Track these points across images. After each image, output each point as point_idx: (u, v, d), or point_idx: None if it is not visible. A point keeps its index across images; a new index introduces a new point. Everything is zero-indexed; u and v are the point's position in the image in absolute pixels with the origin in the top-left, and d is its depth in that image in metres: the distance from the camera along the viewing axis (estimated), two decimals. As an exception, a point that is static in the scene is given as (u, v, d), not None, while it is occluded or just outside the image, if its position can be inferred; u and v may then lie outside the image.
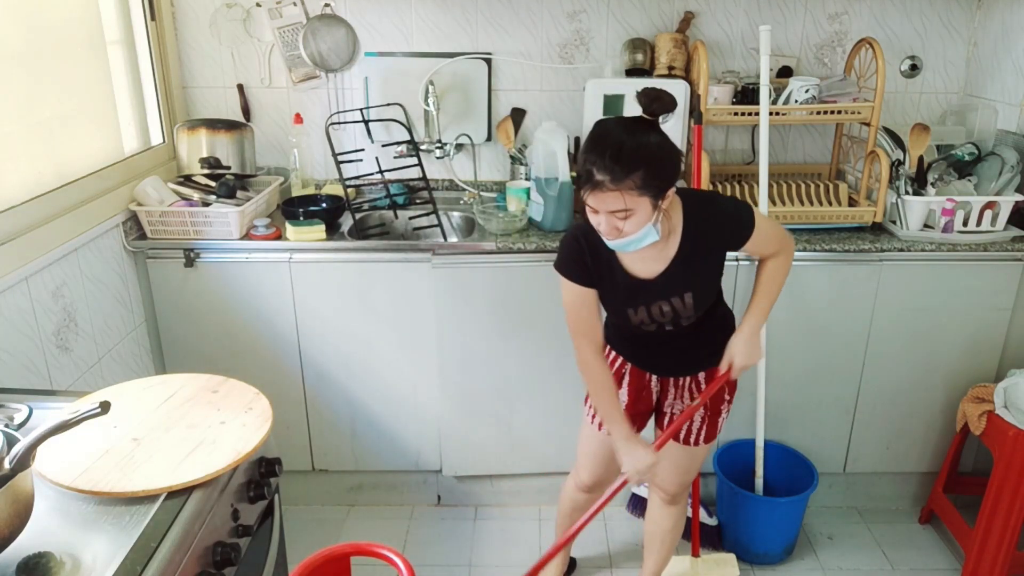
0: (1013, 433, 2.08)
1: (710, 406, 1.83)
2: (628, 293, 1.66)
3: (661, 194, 1.48)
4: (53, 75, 2.01)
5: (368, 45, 2.59)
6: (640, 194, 1.44)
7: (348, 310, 2.32)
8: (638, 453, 1.71)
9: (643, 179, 1.43)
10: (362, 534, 2.48)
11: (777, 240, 1.70)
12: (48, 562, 1.03)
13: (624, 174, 1.42)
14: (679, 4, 2.56)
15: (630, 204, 1.45)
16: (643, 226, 1.49)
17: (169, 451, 1.23)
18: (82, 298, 2.02)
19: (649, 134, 1.48)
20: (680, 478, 1.96)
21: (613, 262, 1.65)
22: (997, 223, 2.29)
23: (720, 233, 1.63)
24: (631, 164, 1.42)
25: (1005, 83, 2.47)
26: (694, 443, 1.88)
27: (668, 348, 1.78)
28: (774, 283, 1.72)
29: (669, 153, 1.49)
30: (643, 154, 1.44)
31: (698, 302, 1.66)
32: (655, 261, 1.62)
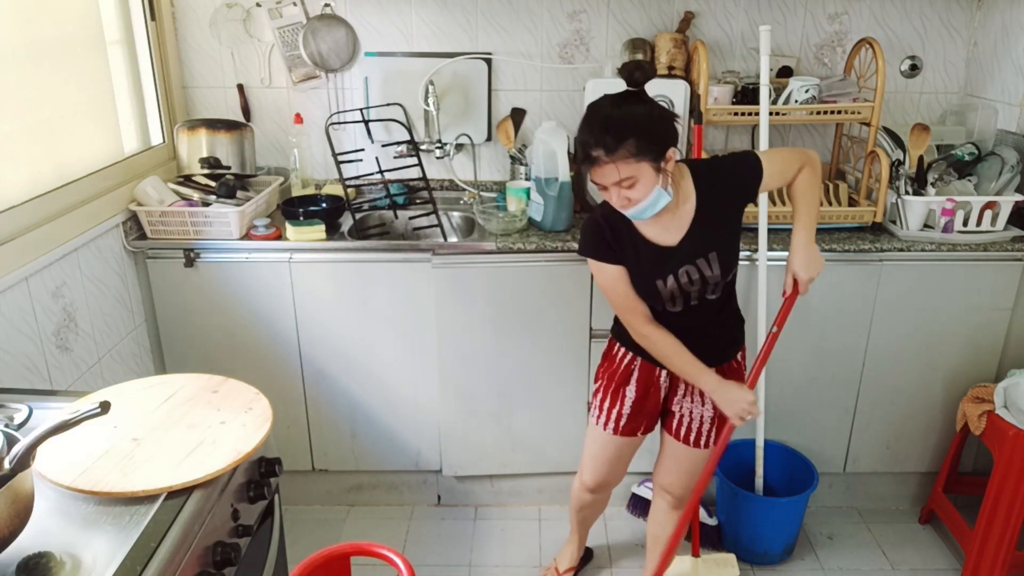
0: (1013, 433, 2.08)
1: (718, 411, 1.81)
2: (655, 263, 1.67)
3: (660, 157, 1.52)
4: (53, 75, 2.01)
5: (368, 45, 2.59)
6: (638, 160, 1.50)
7: (348, 310, 2.32)
8: (735, 392, 1.71)
9: (636, 146, 1.49)
10: (362, 534, 2.48)
11: (793, 159, 1.72)
12: (48, 562, 1.02)
13: (616, 144, 1.49)
14: (679, 4, 2.56)
15: (630, 172, 1.51)
16: (651, 190, 1.54)
17: (169, 451, 1.23)
18: (82, 298, 2.02)
19: (635, 103, 1.55)
20: (687, 480, 1.94)
21: (635, 236, 1.67)
22: (997, 223, 2.29)
23: (733, 182, 1.67)
24: (621, 134, 1.49)
25: (1005, 83, 2.47)
26: (704, 445, 1.86)
27: (690, 335, 1.73)
28: (809, 194, 1.73)
29: (659, 117, 1.55)
30: (631, 122, 1.50)
31: (723, 263, 1.67)
32: (675, 228, 1.65)
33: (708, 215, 1.65)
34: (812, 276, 1.73)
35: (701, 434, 1.86)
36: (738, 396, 1.70)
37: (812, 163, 1.75)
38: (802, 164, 1.73)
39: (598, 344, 2.35)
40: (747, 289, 2.28)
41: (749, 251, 2.24)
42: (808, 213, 1.74)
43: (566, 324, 2.32)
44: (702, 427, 1.85)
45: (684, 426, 1.86)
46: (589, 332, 2.34)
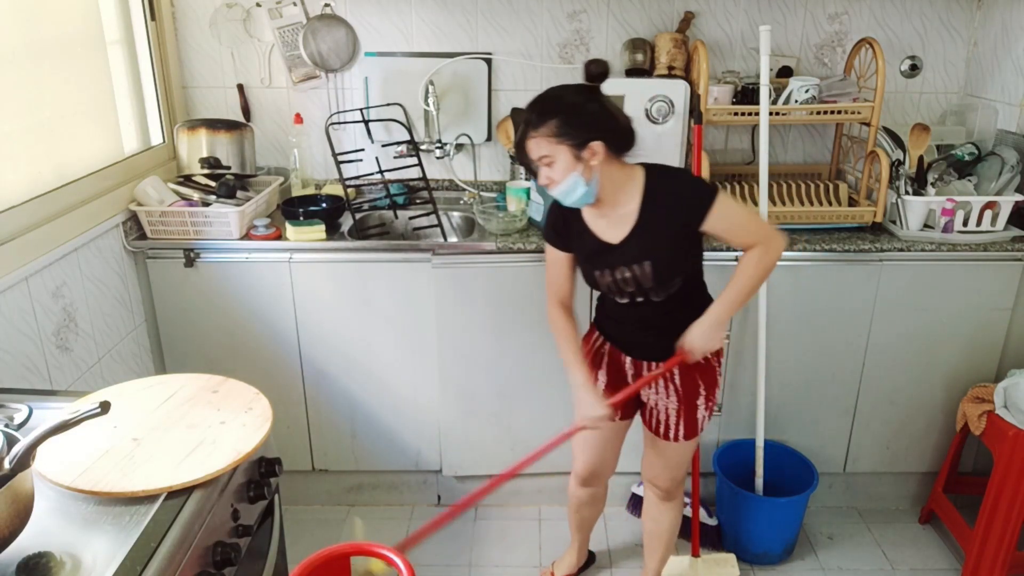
0: (1013, 433, 2.08)
1: (684, 399, 1.84)
2: (595, 256, 1.76)
3: (581, 145, 1.58)
4: (53, 75, 2.01)
5: (368, 45, 2.59)
6: (558, 141, 1.58)
7: (348, 310, 2.32)
8: (589, 400, 1.77)
9: (558, 126, 1.57)
10: (362, 534, 2.48)
11: (753, 232, 1.69)
12: (48, 562, 1.02)
13: (540, 121, 1.58)
14: (679, 4, 2.56)
15: (548, 151, 1.59)
16: (567, 175, 1.60)
17: (169, 451, 1.23)
18: (82, 298, 2.02)
19: (578, 92, 1.62)
20: (669, 473, 1.97)
21: (583, 227, 1.76)
22: (997, 223, 2.29)
23: (677, 205, 1.66)
24: (546, 112, 1.59)
25: (1005, 83, 2.47)
26: (673, 438, 1.89)
27: (643, 328, 1.81)
28: (745, 275, 1.70)
29: (592, 110, 1.60)
30: (559, 104, 1.60)
31: (658, 273, 1.70)
32: (617, 226, 1.71)
33: (648, 224, 1.68)
34: (697, 349, 1.73)
35: (669, 426, 1.88)
36: (589, 405, 1.77)
37: (770, 247, 1.68)
38: (759, 240, 1.68)
39: (598, 344, 2.35)
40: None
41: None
42: (736, 292, 1.71)
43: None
44: (669, 418, 1.87)
45: (654, 417, 1.90)
46: (589, 332, 2.34)
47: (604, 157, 1.60)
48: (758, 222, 1.74)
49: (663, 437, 1.90)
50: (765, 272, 1.71)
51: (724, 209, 1.65)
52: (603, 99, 1.63)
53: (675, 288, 1.73)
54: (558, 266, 1.83)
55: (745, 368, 2.38)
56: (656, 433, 1.91)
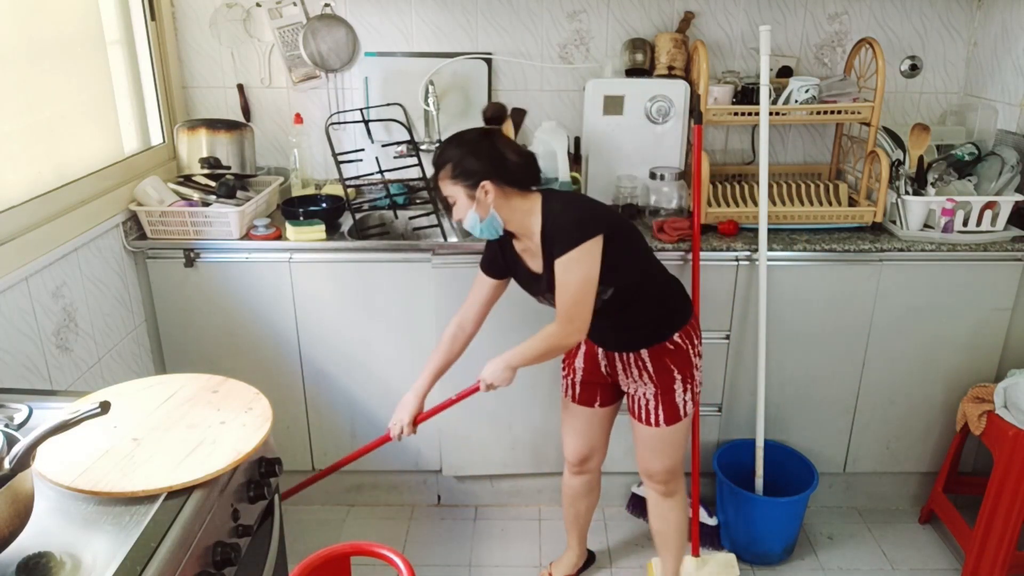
0: (1013, 433, 2.08)
1: (659, 383, 1.88)
2: (527, 284, 1.88)
3: (473, 186, 1.70)
4: (53, 75, 2.01)
5: (368, 45, 2.59)
6: (454, 183, 1.72)
7: (348, 310, 2.32)
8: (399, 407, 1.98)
9: (452, 169, 1.71)
10: (362, 534, 2.48)
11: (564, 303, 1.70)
12: (48, 562, 1.02)
13: (439, 165, 1.74)
14: (679, 4, 2.56)
15: (449, 191, 1.74)
16: (466, 212, 1.73)
17: (169, 451, 1.23)
18: (82, 298, 2.02)
19: (474, 134, 1.77)
20: (660, 462, 1.98)
21: (516, 257, 1.86)
22: (997, 223, 2.29)
23: (553, 237, 1.71)
24: (443, 157, 1.73)
25: (1005, 83, 2.47)
26: (655, 423, 1.92)
27: (604, 326, 1.86)
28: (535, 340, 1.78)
29: (481, 149, 1.71)
30: (451, 152, 1.72)
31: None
32: (536, 256, 1.79)
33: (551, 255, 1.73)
34: (489, 382, 1.85)
35: (649, 412, 1.92)
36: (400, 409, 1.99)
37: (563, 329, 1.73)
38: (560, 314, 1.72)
39: (598, 344, 2.35)
40: (747, 288, 2.28)
41: (749, 251, 2.24)
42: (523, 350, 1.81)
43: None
44: (648, 404, 1.91)
45: (635, 404, 1.95)
46: (589, 332, 2.34)
47: (497, 194, 1.70)
48: (575, 300, 1.70)
49: (645, 423, 1.94)
50: (546, 349, 1.77)
51: (570, 264, 1.67)
52: (495, 139, 1.76)
53: (608, 295, 1.77)
54: (478, 290, 1.94)
55: (745, 368, 2.38)
56: (639, 420, 1.95)
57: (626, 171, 2.44)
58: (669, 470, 1.99)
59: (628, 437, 2.46)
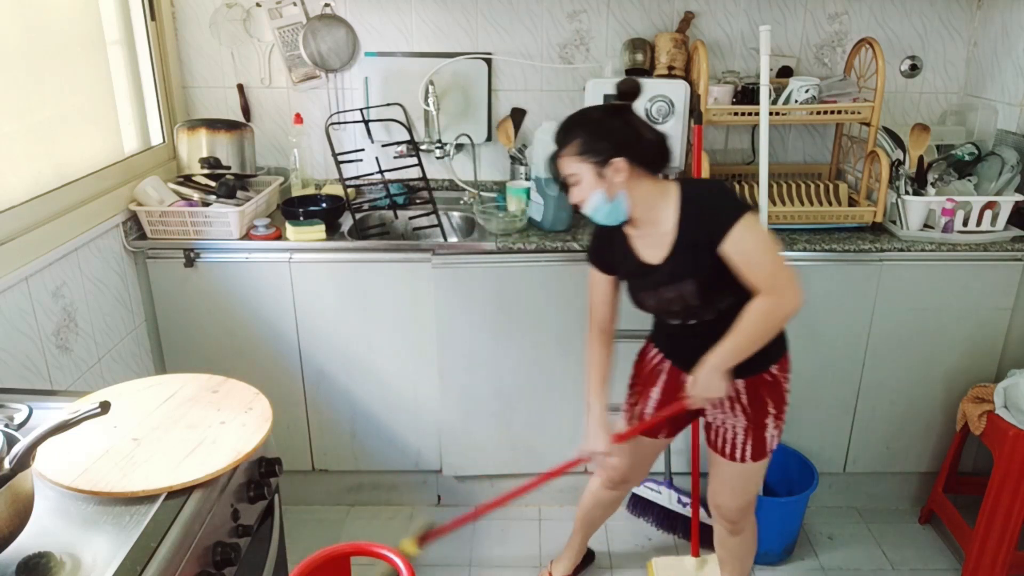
0: (1013, 433, 2.08)
1: (752, 417, 1.75)
2: (638, 277, 1.72)
3: (603, 163, 1.57)
4: (53, 75, 2.01)
5: (368, 45, 2.59)
6: (581, 160, 1.58)
7: (348, 310, 2.32)
8: (596, 437, 1.81)
9: (580, 145, 1.58)
10: (362, 534, 2.48)
11: (765, 274, 1.57)
12: (48, 562, 1.02)
13: (565, 140, 1.61)
14: (679, 4, 2.56)
15: (574, 169, 1.60)
16: (591, 193, 1.60)
17: (169, 451, 1.23)
18: (82, 298, 2.02)
19: (601, 111, 1.66)
20: (735, 500, 1.88)
21: (627, 248, 1.72)
22: (997, 223, 2.29)
23: (705, 221, 1.59)
24: (570, 131, 1.61)
25: (1005, 83, 2.47)
26: (740, 459, 1.80)
27: (697, 347, 1.69)
28: (746, 326, 1.60)
29: (613, 125, 1.59)
30: (581, 123, 1.61)
31: (703, 293, 1.62)
32: (659, 246, 1.65)
33: (687, 242, 1.61)
34: (702, 397, 1.67)
35: (735, 446, 1.79)
36: (592, 440, 1.83)
37: (783, 299, 1.59)
38: (772, 288, 1.58)
39: (598, 344, 2.35)
40: None
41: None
42: (734, 341, 1.61)
43: (566, 324, 2.32)
44: (736, 438, 1.79)
45: (720, 437, 1.82)
46: (589, 332, 2.34)
47: (629, 174, 1.56)
48: (777, 268, 1.58)
49: (729, 457, 1.81)
50: (770, 329, 1.61)
51: (745, 235, 1.54)
52: (628, 116, 1.61)
53: (725, 305, 1.65)
54: (598, 288, 1.80)
55: (745, 368, 2.38)
56: (722, 453, 1.82)
57: (626, 171, 2.44)
58: (741, 508, 1.90)
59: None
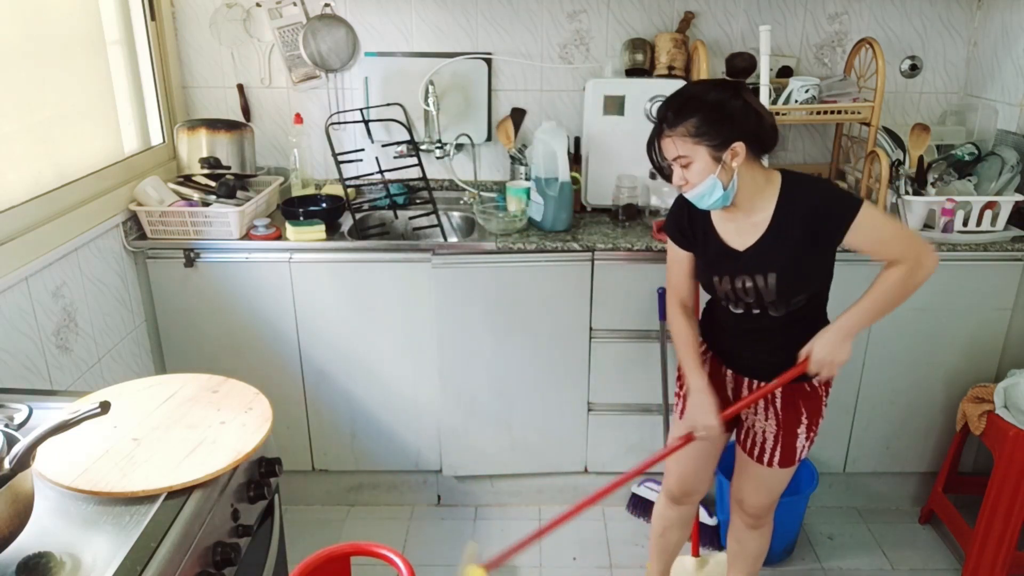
0: (1013, 433, 2.08)
1: (784, 424, 1.72)
2: (717, 260, 1.66)
3: (722, 146, 1.49)
4: (53, 75, 2.01)
5: (368, 45, 2.59)
6: (696, 142, 1.49)
7: (348, 310, 2.32)
8: (699, 408, 1.69)
9: (696, 126, 1.48)
10: (362, 534, 2.48)
11: (900, 246, 1.55)
12: (48, 562, 1.02)
13: (678, 120, 1.50)
14: (679, 4, 2.56)
15: (687, 151, 1.51)
16: (705, 177, 1.51)
17: (169, 451, 1.23)
18: (82, 298, 2.02)
19: (720, 90, 1.52)
20: (759, 499, 1.85)
21: (708, 228, 1.67)
22: (997, 223, 2.29)
23: (814, 214, 1.54)
24: (685, 111, 1.50)
25: (1005, 83, 2.47)
26: (767, 463, 1.77)
27: (752, 340, 1.70)
28: (885, 291, 1.57)
29: (735, 106, 1.50)
30: (699, 103, 1.50)
31: (782, 287, 1.59)
32: (747, 232, 1.61)
33: (781, 233, 1.57)
34: (826, 361, 1.60)
35: (764, 450, 1.77)
36: (700, 413, 1.69)
37: (917, 264, 1.55)
38: (905, 256, 1.55)
39: (598, 344, 2.35)
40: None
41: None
42: (872, 304, 1.58)
43: (566, 324, 2.32)
44: (765, 442, 1.76)
45: (749, 438, 1.80)
46: (589, 332, 2.34)
47: (745, 159, 1.51)
48: (908, 237, 1.57)
49: (756, 460, 1.79)
50: (909, 291, 1.57)
51: (870, 221, 1.52)
52: (747, 96, 1.53)
53: (797, 305, 1.62)
54: (679, 265, 1.75)
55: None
56: (750, 455, 1.80)
57: (626, 171, 2.44)
58: (763, 506, 1.87)
59: (627, 434, 2.47)
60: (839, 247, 1.60)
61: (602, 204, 2.51)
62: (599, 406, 2.44)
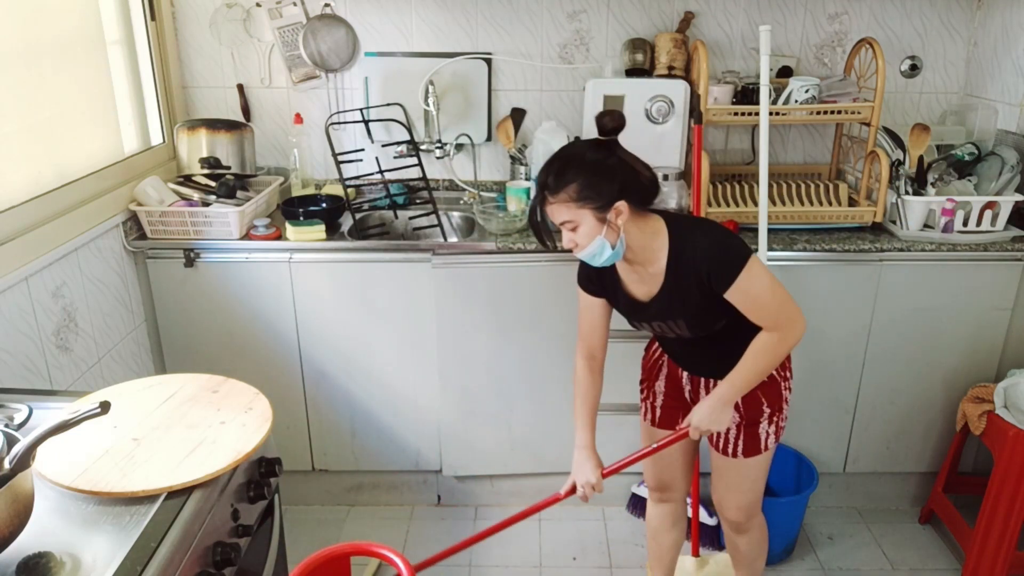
0: (1013, 433, 2.08)
1: (745, 415, 1.73)
2: (629, 310, 1.71)
3: (605, 207, 1.50)
4: (53, 75, 2.01)
5: (368, 45, 2.59)
6: (579, 206, 1.50)
7: (348, 310, 2.32)
8: (585, 467, 1.76)
9: (578, 191, 1.49)
10: (362, 534, 2.48)
11: (772, 315, 1.57)
12: (48, 562, 1.02)
13: (558, 186, 1.50)
14: (679, 4, 2.56)
15: (571, 216, 1.51)
16: (592, 239, 1.53)
17: (169, 451, 1.23)
18: (82, 298, 2.02)
19: (595, 150, 1.54)
20: (734, 497, 1.85)
21: (616, 279, 1.69)
22: (997, 223, 2.29)
23: (697, 269, 1.56)
24: (565, 176, 1.50)
25: (1005, 83, 2.47)
26: (732, 454, 1.78)
27: (694, 353, 1.75)
28: (754, 359, 1.61)
29: (611, 169, 1.51)
30: (578, 167, 1.50)
31: (694, 327, 1.64)
32: (648, 282, 1.63)
33: (676, 284, 1.59)
34: (704, 428, 1.67)
35: (728, 440, 1.78)
36: (581, 471, 1.75)
37: (787, 335, 1.59)
38: (776, 327, 1.58)
39: (598, 344, 2.35)
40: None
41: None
42: (745, 374, 1.62)
43: (566, 324, 2.32)
44: (728, 432, 1.77)
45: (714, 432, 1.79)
46: (589, 332, 2.34)
47: (629, 215, 1.52)
48: (781, 305, 1.58)
49: (721, 452, 1.80)
50: (775, 360, 1.61)
51: (752, 282, 1.54)
52: (622, 153, 1.55)
53: (720, 326, 1.64)
54: (590, 312, 1.75)
55: (745, 368, 2.38)
56: (715, 447, 1.82)
57: (626, 171, 2.44)
58: (742, 507, 1.86)
59: (625, 435, 2.47)
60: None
61: (602, 204, 2.51)
62: (599, 406, 2.43)
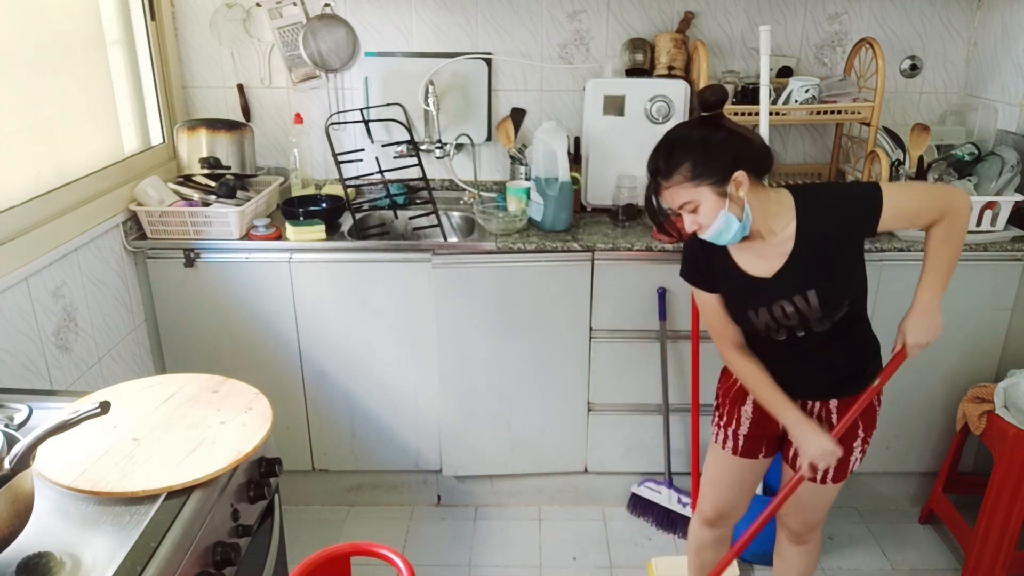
0: (1013, 433, 2.08)
1: (843, 439, 1.65)
2: (746, 294, 1.60)
3: (723, 181, 1.46)
4: (53, 75, 2.01)
5: (368, 45, 2.59)
6: (696, 184, 1.47)
7: (348, 310, 2.32)
8: (812, 436, 1.60)
9: (691, 169, 1.46)
10: (362, 534, 2.48)
11: (929, 205, 1.53)
12: (48, 562, 1.03)
13: (671, 169, 1.48)
14: (679, 4, 2.56)
15: (690, 196, 1.48)
16: (716, 215, 1.48)
17: (169, 451, 1.23)
18: (82, 298, 2.02)
19: (701, 127, 1.51)
20: (804, 516, 1.80)
21: (729, 264, 1.61)
22: (997, 223, 2.29)
23: (839, 221, 1.52)
24: (674, 158, 1.48)
25: (1005, 83, 2.47)
26: (821, 480, 1.71)
27: (801, 364, 1.65)
28: (942, 250, 1.55)
29: (721, 140, 1.48)
30: (686, 146, 1.48)
31: (826, 301, 1.54)
32: (771, 258, 1.56)
33: (809, 249, 1.53)
34: (921, 342, 1.57)
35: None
36: (815, 441, 1.59)
37: (955, 211, 1.53)
38: (943, 211, 1.53)
39: (598, 344, 2.35)
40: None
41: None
42: (939, 271, 1.55)
43: (566, 324, 2.33)
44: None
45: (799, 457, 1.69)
46: (589, 332, 2.34)
47: (749, 185, 1.48)
48: (932, 196, 1.53)
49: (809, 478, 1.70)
50: (959, 242, 1.55)
51: (894, 200, 1.51)
52: (729, 124, 1.51)
53: (841, 314, 1.57)
54: (713, 309, 1.67)
55: (745, 368, 2.37)
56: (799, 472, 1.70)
57: (626, 171, 2.44)
58: (808, 522, 1.80)
59: (626, 434, 2.47)
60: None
61: (602, 204, 2.51)
62: (599, 406, 2.44)
